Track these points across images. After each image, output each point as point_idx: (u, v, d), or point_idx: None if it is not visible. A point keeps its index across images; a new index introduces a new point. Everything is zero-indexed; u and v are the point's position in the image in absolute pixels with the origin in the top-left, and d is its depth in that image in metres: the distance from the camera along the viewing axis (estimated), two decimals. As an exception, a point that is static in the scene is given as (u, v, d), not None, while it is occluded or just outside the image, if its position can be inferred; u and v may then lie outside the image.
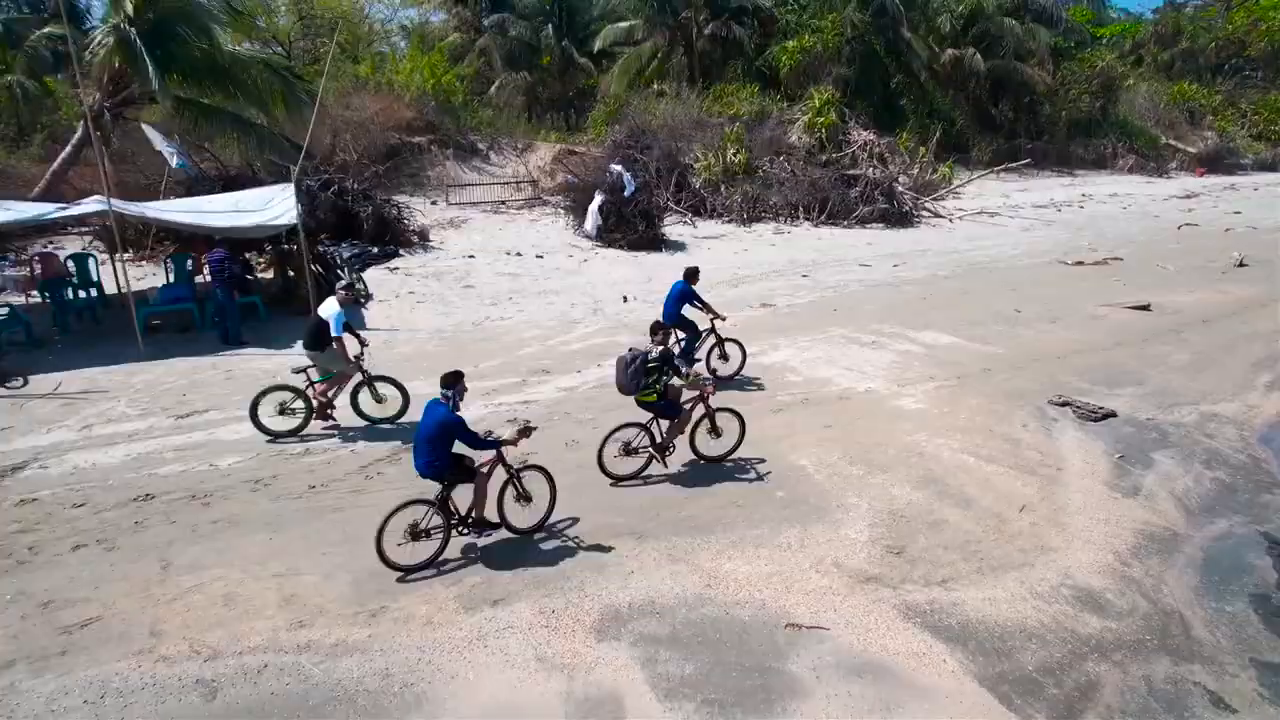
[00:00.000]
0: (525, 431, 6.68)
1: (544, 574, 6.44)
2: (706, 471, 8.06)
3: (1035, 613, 6.13)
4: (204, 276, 12.61)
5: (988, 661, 5.53)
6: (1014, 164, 27.30)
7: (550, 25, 32.30)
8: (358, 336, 8.83)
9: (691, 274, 10.36)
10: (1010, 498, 7.75)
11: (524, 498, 6.81)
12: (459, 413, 6.36)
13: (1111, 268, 17.30)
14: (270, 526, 7.00)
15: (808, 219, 20.18)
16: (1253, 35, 44.09)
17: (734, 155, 22.67)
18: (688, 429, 8.07)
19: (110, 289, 12.88)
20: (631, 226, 16.59)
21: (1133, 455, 8.82)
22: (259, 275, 13.71)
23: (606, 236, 16.87)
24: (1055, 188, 28.86)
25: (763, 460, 8.29)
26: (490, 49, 34.45)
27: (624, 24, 31.11)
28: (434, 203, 20.48)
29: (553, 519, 7.03)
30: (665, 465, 7.94)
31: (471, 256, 15.78)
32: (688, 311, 10.20)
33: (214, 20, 16.41)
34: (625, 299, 13.40)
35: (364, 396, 8.91)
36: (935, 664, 5.49)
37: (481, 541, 6.71)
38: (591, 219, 16.92)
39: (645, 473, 7.90)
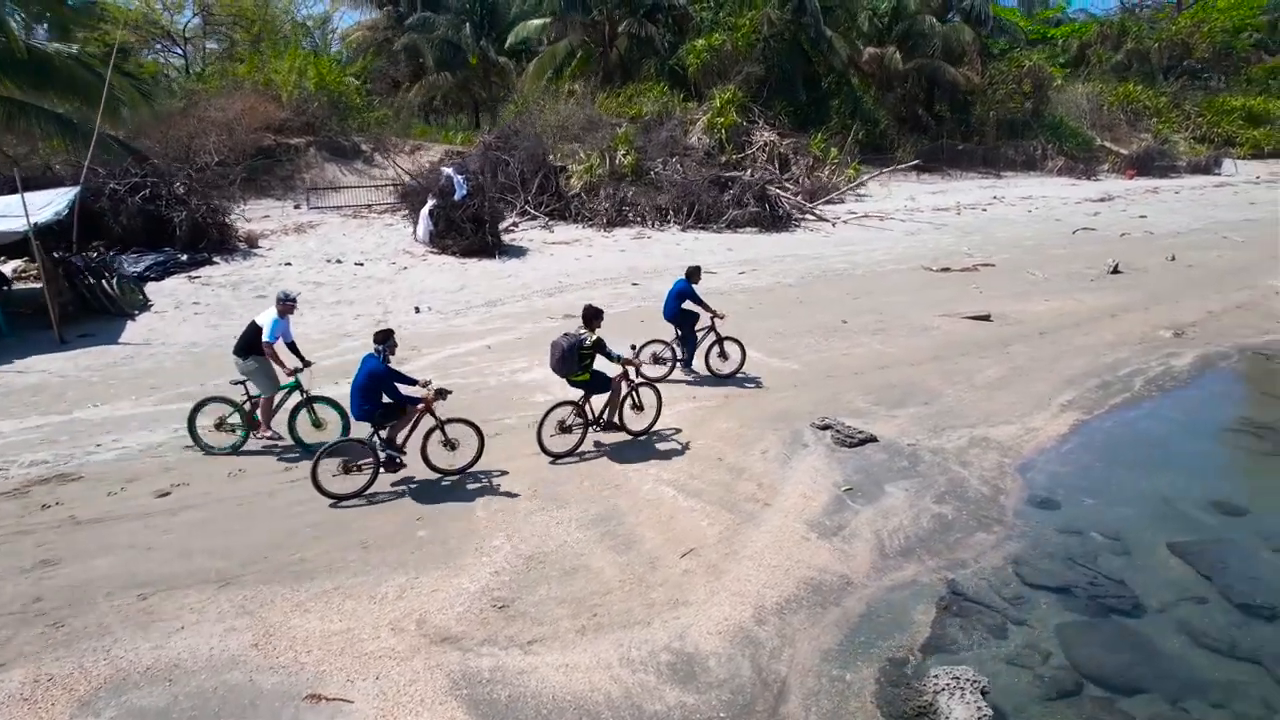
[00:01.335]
0: (440, 394, 7.58)
1: (79, 629, 5.66)
2: (355, 507, 7.28)
3: (610, 684, 5.29)
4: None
5: (513, 745, 4.74)
6: (901, 166, 26.43)
7: (469, 24, 31.52)
8: (299, 355, 8.45)
9: (693, 273, 10.55)
10: (684, 539, 6.92)
11: (449, 445, 7.76)
12: (389, 365, 7.36)
13: (979, 274, 16.48)
14: None
15: (677, 223, 19.35)
16: (1196, 37, 43.33)
17: (623, 157, 21.88)
18: (620, 397, 8.70)
19: None
20: (462, 232, 15.76)
21: (863, 487, 7.98)
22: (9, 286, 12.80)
23: (439, 242, 16.05)
24: (972, 190, 27.96)
25: (436, 493, 7.52)
26: (414, 48, 33.81)
27: (536, 22, 30.31)
28: (296, 206, 19.67)
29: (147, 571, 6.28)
30: (607, 438, 8.65)
31: (288, 264, 14.93)
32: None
33: (10, 11, 15.39)
34: (418, 309, 12.55)
35: (302, 418, 8.36)
36: (443, 748, 4.70)
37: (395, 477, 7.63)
38: (423, 224, 16.07)
39: (580, 448, 8.41)
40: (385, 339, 7.31)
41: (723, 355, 10.61)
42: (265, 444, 8.40)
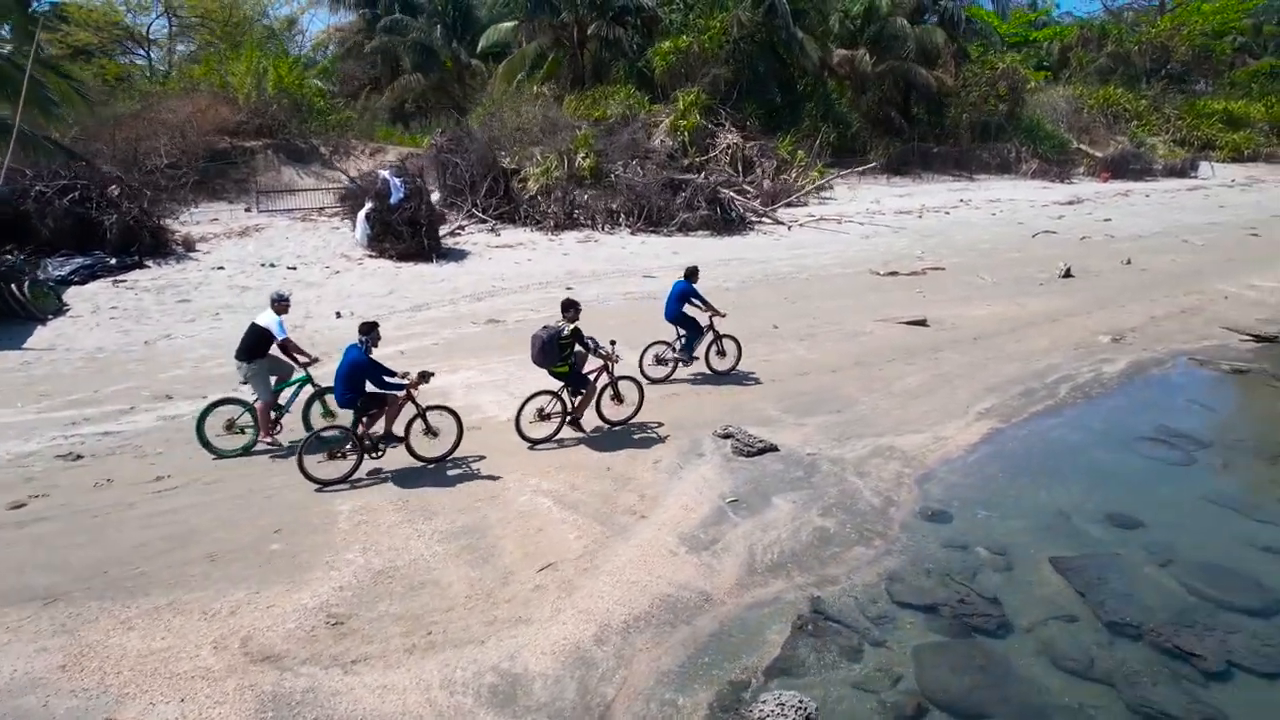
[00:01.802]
0: (424, 377, 7.84)
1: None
2: (228, 515, 7.05)
3: (424, 707, 5.06)
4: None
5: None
6: (860, 169, 26.19)
7: (439, 26, 31.36)
8: (303, 352, 8.70)
9: (692, 273, 10.69)
10: (545, 554, 6.69)
11: (430, 432, 8.04)
12: (371, 355, 7.71)
13: (926, 278, 16.26)
14: None
15: (628, 226, 19.14)
16: (1176, 40, 43.13)
17: (583, 159, 21.69)
18: (595, 396, 8.95)
19: None
20: (399, 235, 15.56)
21: (749, 499, 7.76)
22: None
23: (377, 246, 15.85)
24: (941, 193, 27.72)
25: (303, 502, 7.32)
26: (386, 50, 33.65)
27: (507, 25, 30.14)
28: (247, 209, 19.48)
29: None
30: (580, 429, 8.87)
31: (220, 268, 14.70)
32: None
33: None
34: (339, 315, 12.34)
35: (315, 410, 8.82)
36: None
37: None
38: (360, 228, 15.84)
39: (558, 436, 8.66)
40: (369, 330, 7.74)
41: (720, 353, 10.88)
42: (267, 446, 8.43)
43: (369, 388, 7.75)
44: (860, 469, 8.45)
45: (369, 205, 15.79)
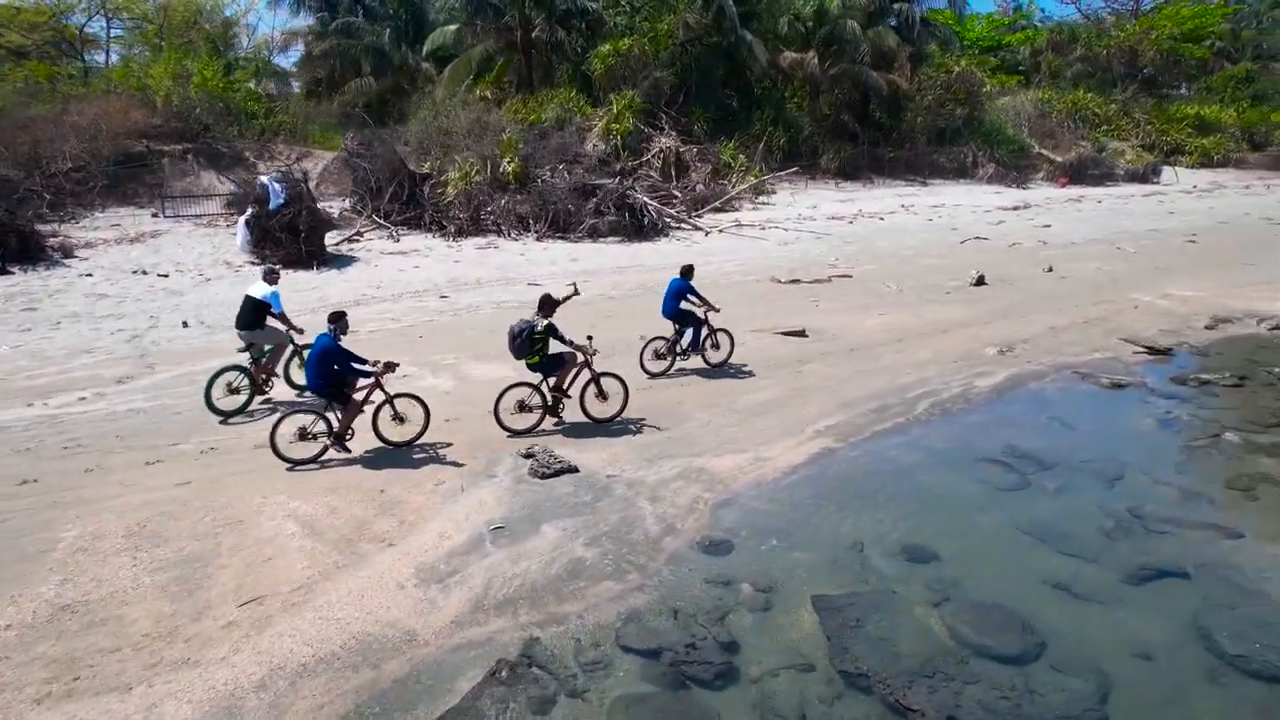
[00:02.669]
0: (389, 366, 8.21)
1: None
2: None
3: (16, 769, 4.62)
4: None
5: None
6: (784, 174, 25.61)
7: (389, 30, 31.03)
8: (290, 323, 9.73)
9: (687, 271, 11.14)
10: (262, 586, 6.18)
11: (398, 418, 8.38)
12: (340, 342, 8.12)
13: (830, 286, 15.70)
14: None
15: (534, 232, 18.64)
16: (1144, 44, 42.39)
17: (508, 164, 21.24)
18: (576, 392, 9.23)
19: None
20: (278, 242, 15.11)
21: (518, 526, 7.25)
22: None
23: (259, 252, 15.41)
24: (887, 198, 27.11)
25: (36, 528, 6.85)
26: (340, 53, 33.38)
27: (450, 28, 29.75)
28: (154, 214, 19.09)
29: None
30: (560, 419, 9.17)
31: (88, 275, 14.26)
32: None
33: None
34: (185, 324, 11.90)
35: (294, 366, 9.96)
36: None
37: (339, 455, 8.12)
38: (240, 234, 15.46)
39: (540, 427, 8.98)
40: (337, 320, 8.22)
41: (715, 345, 11.34)
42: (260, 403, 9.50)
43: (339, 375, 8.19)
44: (656, 493, 7.92)
45: (249, 211, 15.40)
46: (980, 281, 16.05)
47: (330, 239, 17.48)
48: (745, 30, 29.01)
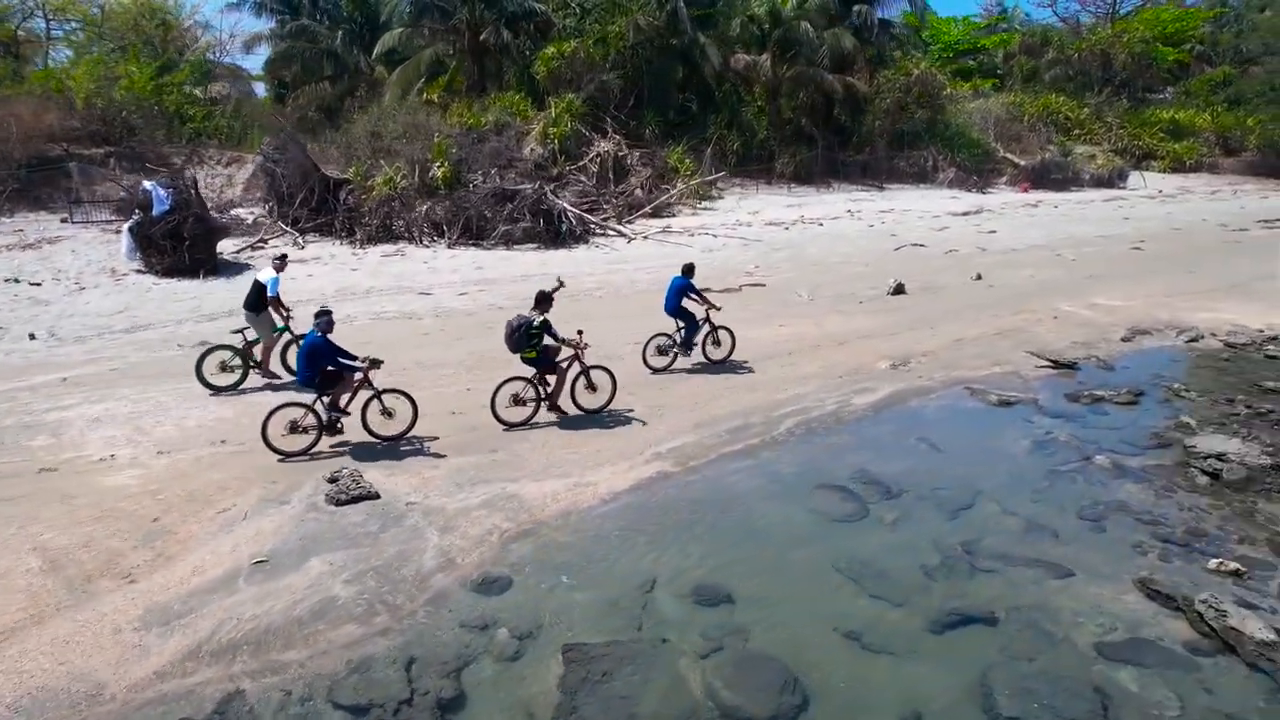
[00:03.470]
0: (375, 363, 8.49)
1: None
2: None
3: None
4: None
5: None
6: (712, 177, 25.02)
7: (342, 32, 30.61)
8: (284, 305, 10.31)
9: (688, 269, 11.51)
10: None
11: (386, 413, 8.64)
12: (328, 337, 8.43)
13: (740, 295, 15.13)
14: None
15: (447, 239, 18.12)
16: (1116, 48, 41.69)
17: (438, 169, 20.74)
18: (567, 384, 9.49)
19: None
20: (161, 249, 14.62)
21: (285, 560, 6.70)
22: None
23: (145, 260, 14.93)
24: (838, 202, 26.50)
25: None
26: (295, 55, 33.00)
27: (400, 30, 29.29)
28: (63, 220, 18.63)
29: None
30: (555, 414, 9.46)
31: (-48, 283, 13.89)
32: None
33: None
34: (33, 336, 11.39)
35: (291, 353, 10.37)
36: None
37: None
38: (124, 241, 14.98)
39: (533, 420, 9.26)
40: (322, 315, 8.54)
41: (716, 343, 11.80)
42: (265, 382, 10.13)
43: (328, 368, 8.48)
44: (450, 523, 7.37)
45: (134, 218, 14.93)
46: (899, 290, 15.46)
47: (233, 245, 17.04)
48: (700, 33, 28.53)
